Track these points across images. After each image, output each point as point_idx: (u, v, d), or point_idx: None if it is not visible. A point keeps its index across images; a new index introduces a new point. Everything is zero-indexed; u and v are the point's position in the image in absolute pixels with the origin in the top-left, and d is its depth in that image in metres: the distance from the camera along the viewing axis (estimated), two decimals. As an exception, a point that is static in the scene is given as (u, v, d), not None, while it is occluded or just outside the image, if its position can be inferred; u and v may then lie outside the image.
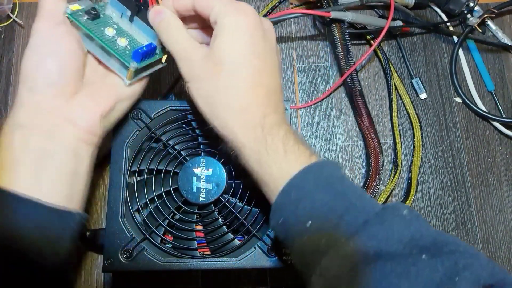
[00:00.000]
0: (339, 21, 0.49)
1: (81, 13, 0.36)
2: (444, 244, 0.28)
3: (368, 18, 0.53)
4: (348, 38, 0.50)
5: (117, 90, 0.37)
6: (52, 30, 0.34)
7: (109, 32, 0.37)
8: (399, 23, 0.54)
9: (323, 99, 0.53)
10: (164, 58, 0.40)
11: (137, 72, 0.37)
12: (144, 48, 0.37)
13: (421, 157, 0.51)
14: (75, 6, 0.36)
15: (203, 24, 0.38)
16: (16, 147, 0.32)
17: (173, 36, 0.35)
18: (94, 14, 0.36)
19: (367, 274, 0.27)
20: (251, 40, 0.34)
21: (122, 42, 0.37)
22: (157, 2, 0.37)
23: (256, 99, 0.33)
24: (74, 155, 0.34)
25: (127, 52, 0.37)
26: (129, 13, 0.38)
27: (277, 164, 0.31)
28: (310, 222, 0.29)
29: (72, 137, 0.34)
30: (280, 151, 0.31)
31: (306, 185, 0.30)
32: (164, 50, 0.39)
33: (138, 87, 0.39)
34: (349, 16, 0.49)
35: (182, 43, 0.35)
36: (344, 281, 0.27)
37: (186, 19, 0.37)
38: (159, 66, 0.40)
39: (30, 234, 0.31)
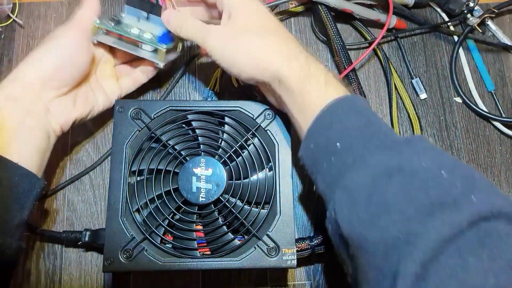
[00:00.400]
0: (323, 5, 0.51)
1: (106, 22, 0.44)
2: (464, 168, 0.30)
3: (353, 6, 0.53)
4: (332, 20, 0.51)
5: (95, 102, 0.45)
6: (79, 41, 0.42)
7: (134, 30, 0.45)
8: (394, 18, 0.54)
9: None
10: (179, 46, 0.47)
11: (165, 54, 0.45)
12: (166, 33, 0.45)
13: (421, 157, 0.51)
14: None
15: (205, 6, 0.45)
16: (5, 116, 0.38)
17: (189, 28, 0.41)
18: (117, 20, 0.45)
19: (387, 185, 0.29)
20: (260, 5, 0.40)
21: (147, 35, 0.45)
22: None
23: (291, 36, 0.39)
24: (47, 137, 0.40)
25: (154, 40, 0.44)
26: (145, 14, 0.46)
27: (317, 92, 0.35)
28: (339, 144, 0.32)
29: (48, 123, 0.41)
30: (321, 80, 0.35)
31: (340, 111, 0.33)
32: (178, 39, 0.46)
33: (107, 104, 0.46)
34: (331, 0, 0.51)
35: (199, 28, 0.41)
36: (365, 191, 0.29)
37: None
38: (176, 54, 0.48)
39: (6, 188, 0.36)
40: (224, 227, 0.41)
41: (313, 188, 0.36)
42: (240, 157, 0.42)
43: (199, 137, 0.43)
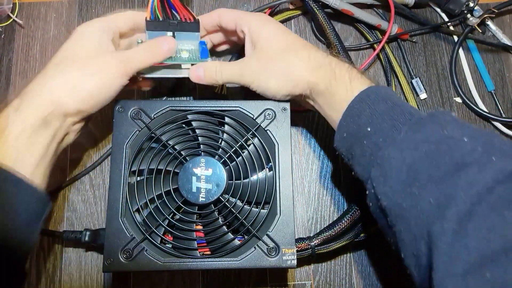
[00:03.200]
0: (320, 10, 0.51)
1: None
2: (485, 134, 0.32)
3: (354, 8, 0.53)
4: (331, 26, 0.51)
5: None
6: (122, 75, 0.39)
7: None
8: (395, 26, 0.54)
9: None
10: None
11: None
12: (204, 46, 0.45)
13: (421, 157, 0.51)
14: None
15: (224, 33, 0.48)
16: (36, 142, 0.36)
17: (222, 76, 0.43)
18: None
19: (414, 155, 0.32)
20: (276, 25, 0.43)
21: (185, 54, 0.44)
22: (188, 11, 0.44)
23: (310, 46, 0.42)
24: (56, 158, 0.39)
25: (194, 57, 0.44)
26: (170, 33, 0.44)
27: (344, 89, 0.38)
28: (369, 128, 0.35)
29: (63, 145, 0.40)
30: (346, 78, 0.38)
31: (367, 99, 0.36)
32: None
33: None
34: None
35: (232, 71, 0.43)
36: (395, 164, 0.32)
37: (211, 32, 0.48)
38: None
39: (21, 213, 0.34)
40: (224, 227, 0.41)
41: (352, 173, 0.39)
42: (240, 157, 0.42)
43: (199, 137, 0.43)
